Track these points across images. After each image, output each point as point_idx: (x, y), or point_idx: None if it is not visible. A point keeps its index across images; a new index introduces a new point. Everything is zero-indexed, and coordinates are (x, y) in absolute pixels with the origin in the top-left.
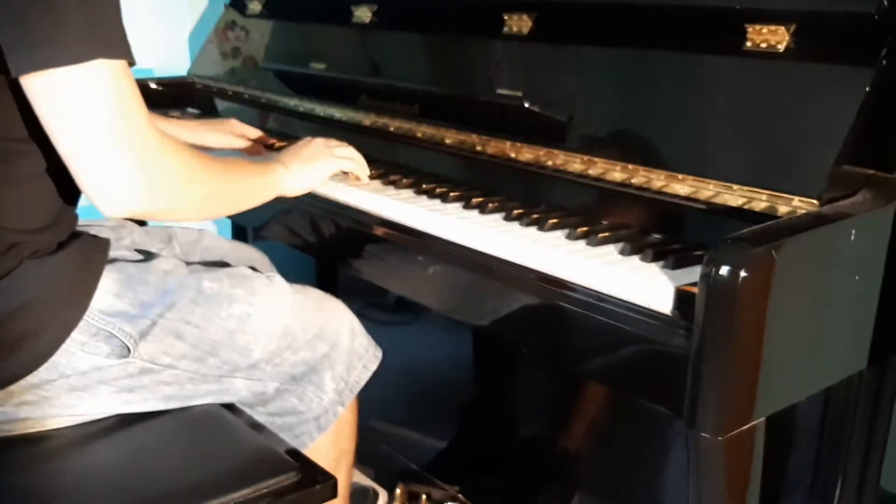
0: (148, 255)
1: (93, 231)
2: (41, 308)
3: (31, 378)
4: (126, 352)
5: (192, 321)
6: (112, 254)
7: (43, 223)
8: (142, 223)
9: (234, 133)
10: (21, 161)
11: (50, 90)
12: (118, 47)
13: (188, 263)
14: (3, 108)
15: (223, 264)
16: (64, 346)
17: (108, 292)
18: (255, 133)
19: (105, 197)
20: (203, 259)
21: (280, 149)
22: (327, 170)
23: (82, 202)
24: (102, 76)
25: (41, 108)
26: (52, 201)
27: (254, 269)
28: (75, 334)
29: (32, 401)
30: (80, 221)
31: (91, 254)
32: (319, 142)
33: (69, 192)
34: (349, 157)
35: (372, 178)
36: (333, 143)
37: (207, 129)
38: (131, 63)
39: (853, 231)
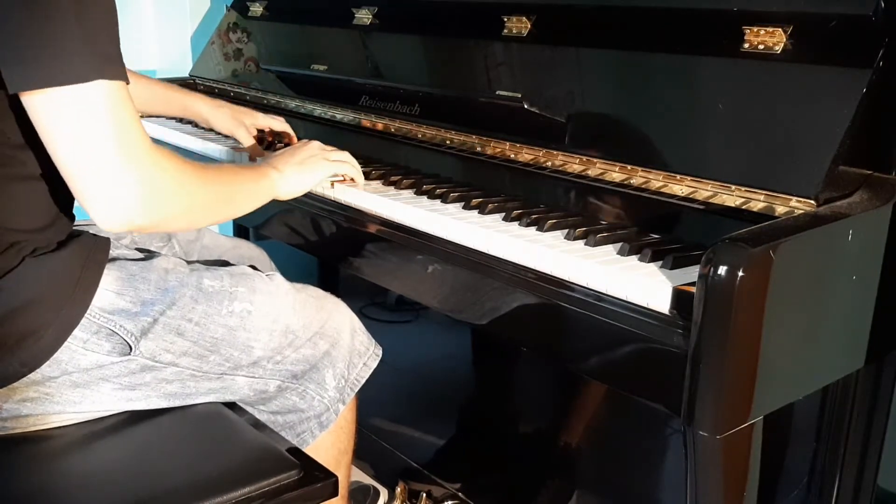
0: (149, 254)
1: (93, 230)
2: (43, 306)
3: (34, 375)
4: (127, 349)
5: (193, 318)
6: (113, 252)
7: (41, 223)
8: None
9: (246, 124)
10: (17, 164)
11: (49, 108)
12: (116, 67)
13: (188, 262)
14: (5, 115)
15: (223, 263)
16: (66, 344)
17: (110, 290)
18: (281, 126)
19: (104, 214)
20: (202, 257)
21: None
22: (321, 173)
23: None
24: (101, 96)
25: (40, 125)
26: (49, 202)
27: (254, 267)
28: (77, 332)
29: (35, 398)
30: (81, 220)
31: (92, 252)
32: (314, 145)
33: (66, 193)
34: (343, 161)
35: (372, 178)
36: (328, 147)
37: (222, 111)
38: (127, 82)
39: (850, 231)
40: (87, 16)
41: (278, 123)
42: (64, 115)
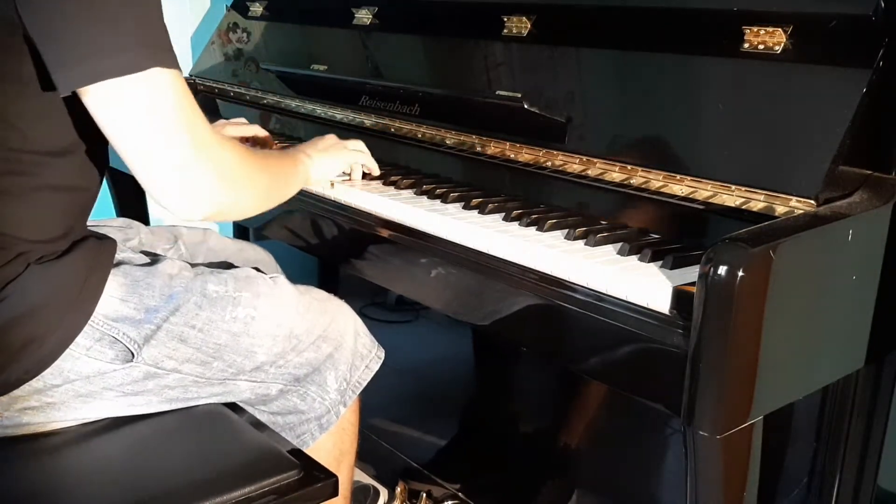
0: (154, 258)
1: (100, 231)
2: (46, 313)
3: (36, 383)
4: (130, 356)
5: (197, 325)
6: (118, 256)
7: (53, 235)
8: (146, 222)
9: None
10: (40, 173)
11: (111, 101)
12: (170, 55)
13: (193, 265)
14: (31, 119)
15: (228, 265)
16: (68, 351)
17: (114, 297)
18: (251, 131)
19: (177, 203)
20: (208, 259)
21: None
22: (345, 161)
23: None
24: (162, 83)
25: (103, 120)
26: (65, 214)
27: (258, 269)
28: (80, 339)
29: (36, 406)
30: (89, 222)
31: (97, 257)
32: (332, 137)
33: (83, 206)
34: (360, 150)
35: (373, 178)
36: (348, 141)
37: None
38: (181, 72)
39: (850, 231)
40: (136, 9)
41: (245, 129)
42: (129, 106)
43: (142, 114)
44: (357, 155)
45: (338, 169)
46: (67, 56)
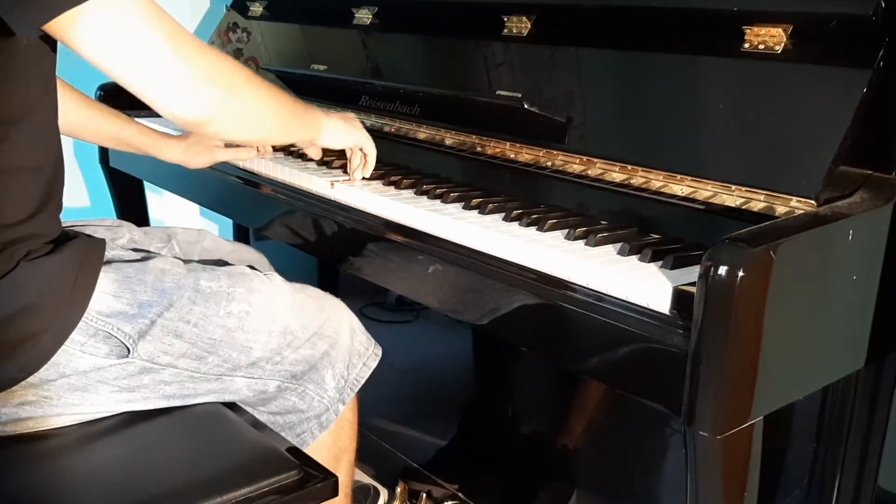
0: (145, 255)
1: (89, 231)
2: (40, 311)
3: (31, 378)
4: (125, 352)
5: (191, 320)
6: (108, 254)
7: (28, 212)
8: (141, 223)
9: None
10: (6, 146)
11: (91, 27)
12: None
13: (186, 262)
14: None
15: (223, 263)
16: (63, 348)
17: (106, 293)
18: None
19: (177, 102)
20: (202, 259)
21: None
22: (358, 136)
23: (68, 203)
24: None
25: (83, 50)
26: (36, 191)
27: (252, 268)
28: (74, 335)
29: (33, 401)
30: (77, 221)
31: (88, 254)
32: (351, 114)
33: (50, 183)
34: (369, 138)
35: (372, 178)
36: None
37: (172, 145)
38: None
39: (851, 231)
40: None
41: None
42: (104, 29)
43: (117, 30)
44: (366, 140)
45: (350, 141)
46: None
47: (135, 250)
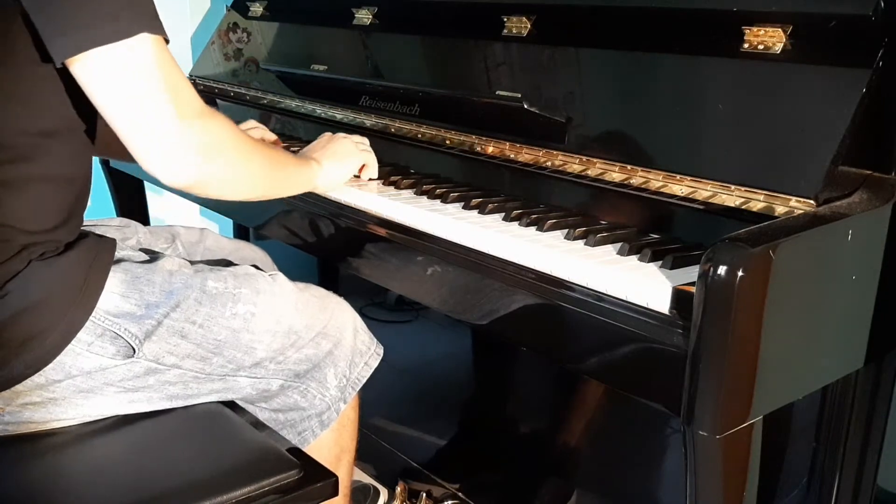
0: (153, 256)
1: (99, 231)
2: (48, 308)
3: (37, 378)
4: (131, 352)
5: (197, 321)
6: (118, 254)
7: (52, 224)
8: (146, 222)
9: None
10: (34, 157)
11: (99, 69)
12: (157, 21)
13: (192, 263)
14: (24, 98)
15: (227, 263)
16: (70, 347)
17: (115, 293)
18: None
19: (166, 167)
20: (205, 258)
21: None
22: (354, 166)
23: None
24: (149, 49)
25: (92, 88)
26: (62, 204)
27: (257, 267)
28: (81, 335)
29: (38, 402)
30: (86, 221)
31: (98, 254)
32: (341, 136)
33: (79, 194)
34: (367, 149)
35: (372, 178)
36: (355, 137)
37: None
38: (167, 40)
39: (850, 231)
40: None
41: (252, 133)
42: (116, 72)
43: (128, 78)
44: (366, 155)
45: (347, 176)
46: (56, 28)
47: (143, 251)
